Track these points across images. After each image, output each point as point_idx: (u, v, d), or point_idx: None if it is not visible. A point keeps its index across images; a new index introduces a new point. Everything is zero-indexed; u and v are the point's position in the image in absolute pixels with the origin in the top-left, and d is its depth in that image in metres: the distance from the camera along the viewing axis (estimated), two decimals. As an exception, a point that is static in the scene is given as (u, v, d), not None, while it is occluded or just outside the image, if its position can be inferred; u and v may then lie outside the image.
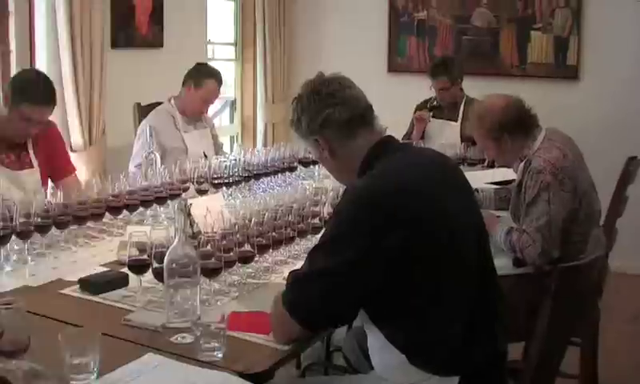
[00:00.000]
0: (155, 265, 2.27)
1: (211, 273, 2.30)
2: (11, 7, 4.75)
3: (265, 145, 6.27)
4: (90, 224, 3.12)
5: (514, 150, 3.40)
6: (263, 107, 6.60)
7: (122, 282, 2.47)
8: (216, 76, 4.71)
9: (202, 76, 4.62)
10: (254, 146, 6.41)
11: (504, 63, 6.30)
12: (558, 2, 6.07)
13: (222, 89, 4.89)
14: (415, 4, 6.56)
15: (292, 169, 4.21)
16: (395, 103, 6.07)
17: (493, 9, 6.29)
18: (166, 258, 2.06)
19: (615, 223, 3.51)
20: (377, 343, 2.19)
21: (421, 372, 2.10)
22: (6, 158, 3.56)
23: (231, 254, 2.39)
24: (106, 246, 2.99)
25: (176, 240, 2.06)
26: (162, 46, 5.59)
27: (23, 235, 2.74)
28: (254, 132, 6.71)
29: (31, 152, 3.64)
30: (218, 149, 4.69)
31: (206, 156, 4.34)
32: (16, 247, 2.80)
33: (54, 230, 2.93)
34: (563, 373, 3.32)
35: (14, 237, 2.73)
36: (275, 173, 4.05)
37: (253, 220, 2.58)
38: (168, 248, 2.23)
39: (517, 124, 3.38)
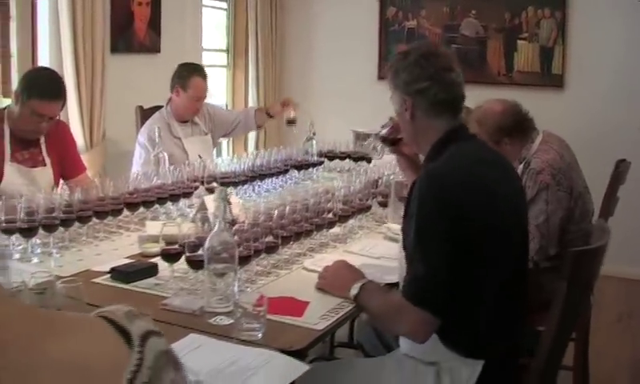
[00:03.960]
0: (188, 253, 2.38)
1: (242, 261, 2.41)
2: (12, 11, 4.82)
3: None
4: (106, 220, 3.22)
5: (513, 152, 3.53)
6: (255, 113, 6.70)
7: (152, 271, 2.58)
8: (200, 72, 4.79)
9: (188, 76, 4.69)
10: (245, 150, 6.51)
11: (491, 71, 6.48)
12: (544, 12, 6.26)
13: (213, 95, 5.00)
14: (405, 13, 6.73)
15: (292, 170, 4.32)
16: (386, 110, 6.21)
17: (481, 19, 6.47)
18: (206, 243, 2.17)
19: (607, 222, 3.66)
20: None
21: (448, 352, 2.24)
22: (19, 156, 3.64)
23: (258, 243, 2.51)
24: (126, 241, 3.08)
25: (216, 227, 2.17)
26: (159, 51, 5.69)
27: (48, 228, 2.84)
28: (245, 137, 6.81)
29: (44, 150, 3.72)
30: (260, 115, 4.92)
31: (200, 157, 4.46)
32: (37, 241, 2.89)
33: (75, 225, 3.04)
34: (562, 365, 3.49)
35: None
36: (278, 174, 4.17)
37: (276, 213, 2.70)
38: (198, 239, 2.37)
39: (515, 127, 3.52)
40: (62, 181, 3.79)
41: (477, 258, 2.21)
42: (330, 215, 3.04)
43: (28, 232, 2.77)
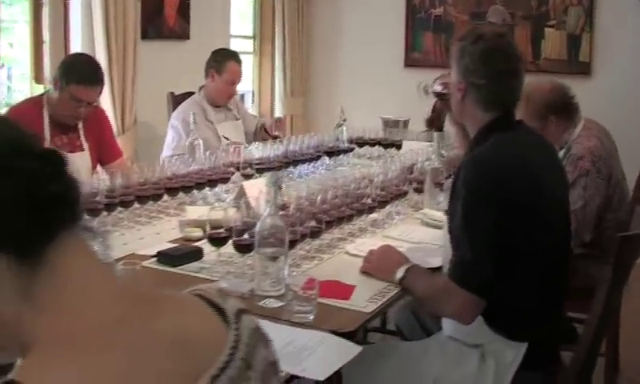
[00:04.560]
0: (236, 237, 2.42)
1: (289, 245, 2.45)
2: (45, -2, 4.89)
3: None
4: (146, 205, 3.26)
5: (557, 133, 3.50)
6: (282, 100, 6.75)
7: (198, 254, 2.62)
8: (235, 57, 4.86)
9: (223, 60, 4.76)
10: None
11: (518, 59, 6.46)
12: (572, 0, 6.25)
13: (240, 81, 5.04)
14: (432, 1, 6.75)
15: (324, 156, 4.36)
16: (411, 97, 6.26)
17: (508, 6, 6.47)
18: (257, 227, 2.21)
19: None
20: None
21: (492, 334, 2.28)
22: (58, 141, 3.69)
23: (302, 228, 2.55)
24: (167, 225, 3.12)
25: (267, 211, 2.21)
26: (188, 38, 5.75)
27: (92, 213, 2.89)
28: (271, 120, 6.86)
29: (82, 135, 3.77)
30: (260, 130, 4.86)
31: (227, 138, 4.53)
32: (81, 225, 2.92)
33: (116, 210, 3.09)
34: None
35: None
36: (311, 160, 4.21)
37: (319, 198, 2.73)
38: (244, 224, 2.41)
39: (562, 107, 3.52)
40: (99, 166, 3.85)
41: (521, 241, 2.26)
42: (369, 201, 3.08)
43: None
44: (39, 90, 4.70)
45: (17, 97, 5.09)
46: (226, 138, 4.62)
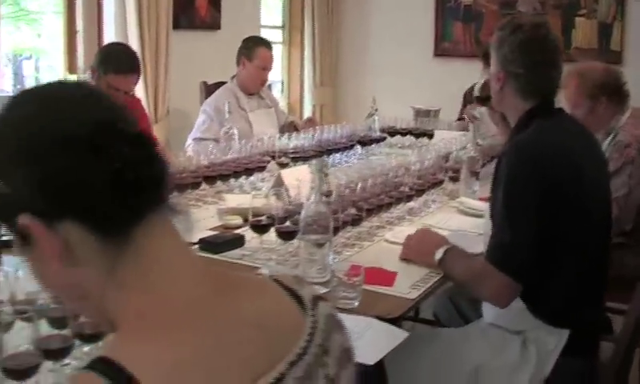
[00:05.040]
0: (278, 225, 2.45)
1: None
2: (79, -12, 4.92)
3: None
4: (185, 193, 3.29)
5: (605, 117, 3.47)
6: (311, 90, 6.77)
7: (239, 242, 2.64)
8: (265, 43, 4.90)
9: (253, 47, 4.79)
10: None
11: (549, 48, 6.43)
12: (603, -12, 6.22)
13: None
14: (462, -10, 6.74)
15: (355, 146, 4.38)
16: (441, 87, 6.25)
17: (538, -5, 6.45)
18: (302, 214, 2.23)
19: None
20: None
21: (534, 320, 2.29)
22: (94, 131, 3.73)
23: (343, 215, 2.57)
24: (205, 213, 3.13)
25: (312, 198, 2.23)
26: (219, 28, 5.78)
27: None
28: (300, 114, 6.88)
29: (118, 125, 3.81)
30: (289, 127, 4.86)
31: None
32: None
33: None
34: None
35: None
36: (344, 149, 4.23)
37: (359, 186, 2.75)
38: (286, 211, 2.44)
39: (615, 90, 3.49)
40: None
41: (562, 227, 2.27)
42: (407, 189, 3.09)
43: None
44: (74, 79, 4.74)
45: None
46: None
